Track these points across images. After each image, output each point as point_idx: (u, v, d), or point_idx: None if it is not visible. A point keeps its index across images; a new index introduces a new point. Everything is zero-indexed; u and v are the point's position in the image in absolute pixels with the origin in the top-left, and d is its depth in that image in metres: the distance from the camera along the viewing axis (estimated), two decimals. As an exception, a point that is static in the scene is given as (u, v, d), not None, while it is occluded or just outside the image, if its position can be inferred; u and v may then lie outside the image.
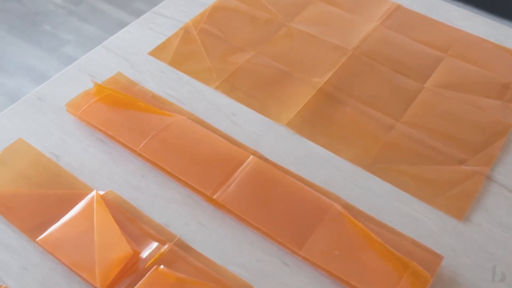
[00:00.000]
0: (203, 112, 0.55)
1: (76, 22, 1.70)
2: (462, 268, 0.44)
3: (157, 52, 0.60)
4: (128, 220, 0.45)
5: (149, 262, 0.43)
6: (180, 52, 0.60)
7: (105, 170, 0.50)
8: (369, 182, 0.50)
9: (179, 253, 0.44)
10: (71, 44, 1.63)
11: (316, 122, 0.54)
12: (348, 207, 0.47)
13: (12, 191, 0.47)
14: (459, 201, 0.48)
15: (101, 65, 0.59)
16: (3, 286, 0.42)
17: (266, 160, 0.50)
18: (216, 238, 0.45)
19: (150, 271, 0.42)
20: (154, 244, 0.44)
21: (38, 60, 1.58)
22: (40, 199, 0.47)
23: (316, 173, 0.50)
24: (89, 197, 0.46)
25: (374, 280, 0.42)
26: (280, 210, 0.46)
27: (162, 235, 0.45)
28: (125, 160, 0.50)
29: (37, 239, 0.44)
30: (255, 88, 0.57)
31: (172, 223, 0.46)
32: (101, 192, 0.47)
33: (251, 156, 0.50)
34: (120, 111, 0.53)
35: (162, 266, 0.42)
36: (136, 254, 0.43)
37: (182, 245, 0.45)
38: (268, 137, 0.53)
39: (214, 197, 0.47)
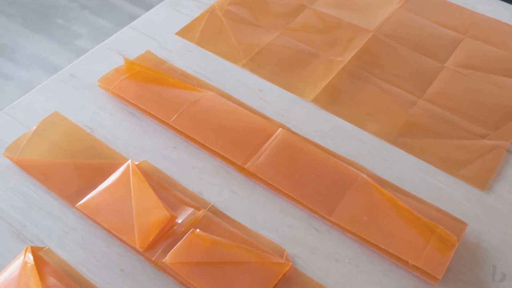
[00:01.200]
0: (230, 89, 0.56)
1: (89, 16, 1.72)
2: (486, 235, 0.46)
3: (184, 32, 0.62)
4: (163, 188, 0.47)
5: (185, 226, 0.44)
6: (206, 33, 0.62)
7: (138, 142, 0.51)
8: (394, 155, 0.51)
9: (213, 219, 0.46)
10: (84, 37, 1.65)
11: (341, 98, 0.56)
12: (374, 177, 0.49)
13: (50, 160, 0.49)
14: (482, 173, 0.50)
15: (130, 44, 0.61)
16: (46, 248, 0.43)
17: (293, 133, 0.52)
18: (247, 205, 0.47)
19: (186, 234, 0.43)
20: (189, 210, 0.46)
21: (51, 52, 1.60)
22: (77, 168, 0.48)
23: (342, 146, 0.52)
24: (124, 166, 0.48)
25: (402, 243, 0.44)
26: (310, 178, 0.48)
27: (196, 202, 0.46)
28: (157, 133, 0.52)
29: (76, 205, 0.46)
30: (280, 67, 0.59)
31: (205, 191, 0.48)
32: (136, 162, 0.48)
33: (280, 129, 0.51)
34: (151, 86, 0.55)
35: (198, 230, 0.44)
36: (173, 218, 0.44)
37: (215, 212, 0.46)
38: (294, 112, 0.54)
39: (245, 166, 0.48)
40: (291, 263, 0.43)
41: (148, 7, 1.76)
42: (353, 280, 0.43)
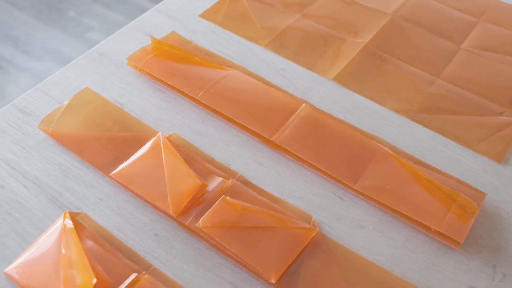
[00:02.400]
0: (254, 68, 0.58)
1: (100, 9, 1.74)
2: (504, 204, 0.48)
3: (208, 15, 0.64)
4: (193, 159, 0.49)
5: (215, 194, 0.46)
6: (229, 15, 0.64)
7: (167, 117, 0.53)
8: (413, 130, 0.53)
9: (242, 187, 0.47)
10: (96, 30, 1.67)
11: (361, 77, 0.58)
12: (395, 149, 0.51)
13: (83, 133, 0.51)
14: (499, 146, 0.52)
15: (156, 25, 0.63)
16: (82, 213, 0.45)
17: (316, 108, 0.54)
18: (274, 175, 0.49)
19: (218, 201, 0.45)
20: (219, 179, 0.48)
21: (64, 45, 1.62)
22: (109, 140, 0.50)
23: (363, 121, 0.54)
24: (155, 138, 0.50)
25: (424, 210, 0.46)
26: (333, 150, 0.50)
27: (224, 172, 0.48)
28: (185, 108, 0.54)
29: (111, 174, 0.48)
30: (301, 47, 0.61)
31: (232, 162, 0.50)
32: (165, 135, 0.50)
33: (303, 104, 0.53)
34: (178, 64, 0.56)
35: (227, 197, 0.45)
36: (204, 186, 0.46)
37: (243, 181, 0.48)
38: (317, 90, 0.56)
39: (272, 138, 0.50)
40: (318, 229, 0.45)
41: (158, 0, 1.78)
42: (378, 245, 0.44)
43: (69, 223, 0.43)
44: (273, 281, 0.41)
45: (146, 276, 0.42)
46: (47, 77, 0.55)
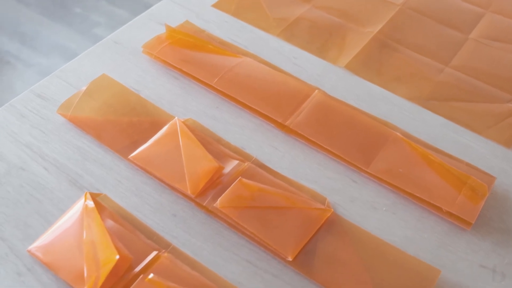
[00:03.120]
0: (266, 56, 0.59)
1: (106, 5, 1.75)
2: (514, 187, 0.49)
3: (220, 5, 0.65)
4: (208, 143, 0.50)
5: (232, 176, 0.47)
6: (241, 5, 0.65)
7: (182, 102, 0.54)
8: (423, 116, 0.54)
9: (257, 170, 0.49)
10: (102, 26, 1.68)
11: (372, 65, 0.59)
12: (406, 135, 0.52)
13: (101, 118, 0.52)
14: (507, 132, 0.53)
15: (169, 15, 0.64)
16: (102, 194, 0.47)
17: (329, 95, 0.55)
18: (288, 159, 0.50)
19: (234, 182, 0.46)
20: (235, 162, 0.49)
21: (70, 40, 1.63)
22: (127, 125, 0.51)
23: (375, 108, 0.55)
24: (171, 122, 0.51)
25: (436, 192, 0.47)
26: (346, 135, 0.51)
27: (240, 156, 0.49)
28: (200, 94, 0.55)
29: (129, 156, 0.49)
30: (312, 36, 0.62)
31: (247, 147, 0.51)
32: (181, 119, 0.52)
33: (316, 90, 0.54)
34: (192, 52, 0.58)
35: (244, 179, 0.47)
36: (220, 168, 0.47)
37: (258, 164, 0.49)
38: (328, 77, 0.57)
39: (286, 123, 0.51)
40: (332, 210, 0.46)
41: (164, -3, 1.79)
42: (391, 226, 0.46)
43: (90, 203, 0.44)
44: (290, 258, 0.42)
45: (166, 254, 0.43)
46: (53, 72, 0.56)
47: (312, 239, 0.44)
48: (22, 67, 1.55)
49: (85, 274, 0.40)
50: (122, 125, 0.51)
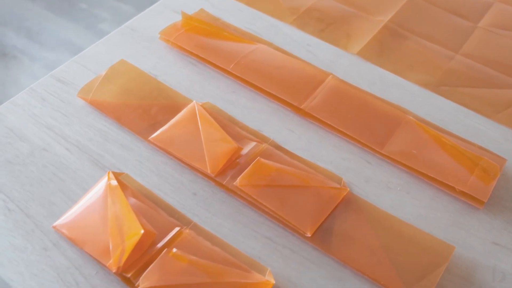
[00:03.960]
0: (280, 43, 0.61)
1: (111, 1, 1.76)
2: (524, 169, 0.50)
3: (234, -7, 0.66)
4: (226, 125, 0.51)
5: (250, 157, 0.49)
6: (254, -6, 0.66)
7: (199, 87, 0.56)
8: (435, 101, 0.56)
9: (275, 151, 0.50)
10: (107, 21, 1.69)
11: (383, 52, 0.60)
12: (418, 119, 0.53)
13: (120, 101, 0.53)
14: (518, 116, 0.54)
15: (184, 4, 0.65)
16: (124, 173, 0.48)
17: (342, 80, 0.56)
18: (304, 141, 0.51)
19: (253, 162, 0.47)
20: (252, 144, 0.50)
21: (76, 35, 1.64)
22: (146, 108, 0.53)
23: (387, 93, 0.56)
24: (190, 105, 0.52)
25: (449, 173, 0.48)
26: (361, 118, 0.52)
27: (257, 138, 0.51)
28: (216, 80, 0.56)
29: (149, 138, 0.50)
30: (325, 24, 0.63)
31: (264, 129, 0.52)
32: (199, 103, 0.53)
33: (330, 75, 0.56)
34: (208, 39, 0.59)
35: (262, 159, 0.48)
36: (239, 149, 0.49)
37: (275, 146, 0.50)
38: (341, 64, 0.59)
39: (301, 107, 0.53)
40: (348, 189, 0.47)
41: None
42: (405, 205, 0.47)
43: (113, 181, 0.46)
44: (308, 234, 0.44)
45: (187, 230, 0.44)
46: (60, 66, 0.57)
47: (329, 217, 0.45)
48: (28, 61, 1.56)
49: (111, 248, 0.41)
50: (141, 108, 0.52)
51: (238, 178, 0.46)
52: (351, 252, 0.43)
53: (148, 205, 0.45)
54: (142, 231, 0.41)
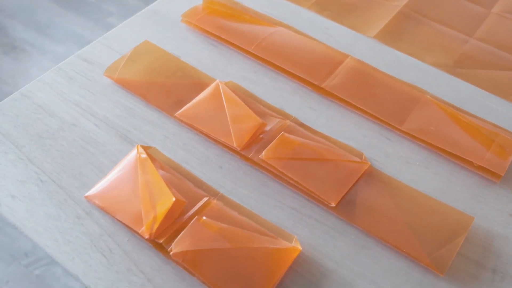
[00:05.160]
0: (299, 26, 0.62)
1: (119, -5, 1.78)
2: (539, 146, 0.52)
3: (252, -21, 0.68)
4: (249, 102, 0.53)
5: (274, 132, 0.50)
6: (272, -21, 0.68)
7: (221, 67, 0.57)
8: (451, 82, 0.57)
9: (297, 127, 0.51)
10: (115, 15, 1.70)
11: (400, 36, 0.62)
12: (436, 98, 0.55)
13: (146, 80, 0.55)
14: (532, 97, 0.56)
15: (204, -12, 0.66)
16: (152, 147, 0.49)
17: (361, 61, 0.58)
18: (325, 119, 0.53)
19: (277, 137, 0.49)
20: (276, 120, 0.51)
21: (84, 29, 1.66)
22: (170, 86, 0.54)
23: (405, 74, 0.58)
24: (213, 84, 0.54)
25: (467, 148, 0.49)
26: (380, 97, 0.53)
27: (280, 115, 0.52)
28: (238, 60, 0.58)
29: (175, 114, 0.52)
30: (342, 9, 0.65)
31: (286, 107, 0.54)
32: (223, 82, 0.54)
33: (349, 57, 0.57)
34: (229, 21, 0.60)
35: (286, 133, 0.49)
36: (263, 124, 0.50)
37: (298, 123, 0.52)
38: (359, 46, 0.60)
39: (322, 86, 0.54)
40: (369, 163, 0.49)
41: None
42: (425, 179, 0.48)
43: (143, 154, 0.47)
44: (333, 204, 0.45)
45: (215, 201, 0.45)
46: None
47: (351, 189, 0.47)
48: (37, 54, 1.57)
49: (143, 216, 0.43)
50: (166, 87, 0.54)
51: (263, 152, 0.47)
52: (373, 222, 0.44)
53: (176, 177, 0.47)
54: (174, 199, 0.42)
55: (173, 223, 0.43)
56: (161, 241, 0.42)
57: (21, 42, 1.60)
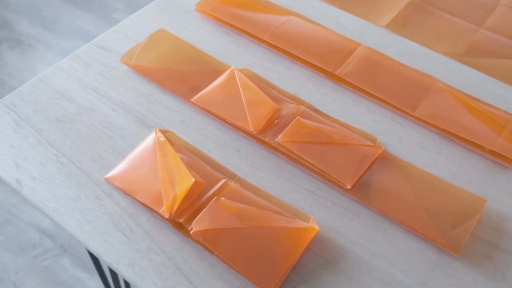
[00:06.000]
0: (310, 16, 0.63)
1: (124, -9, 1.78)
2: (549, 132, 0.52)
3: (264, -30, 0.69)
4: (264, 89, 0.54)
5: (289, 117, 0.51)
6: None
7: (235, 55, 0.58)
8: (461, 70, 0.58)
9: (311, 113, 0.52)
10: (120, 11, 1.71)
11: (410, 25, 0.63)
12: (447, 85, 0.55)
13: (162, 67, 0.55)
14: (541, 85, 0.57)
15: (216, -22, 0.67)
16: (170, 131, 0.50)
17: (373, 49, 0.58)
18: (338, 105, 0.54)
19: (293, 121, 0.50)
20: (290, 105, 0.52)
21: (90, 24, 1.66)
22: (186, 73, 0.55)
23: (416, 63, 0.58)
24: (228, 71, 0.55)
25: (479, 133, 0.50)
26: (393, 84, 0.54)
27: (294, 101, 0.53)
28: (251, 48, 0.59)
29: (192, 99, 0.52)
30: (353, 0, 0.66)
31: (299, 94, 0.54)
32: (237, 69, 0.55)
33: (362, 45, 0.58)
34: (242, 10, 0.61)
35: (301, 118, 0.50)
36: (279, 109, 0.51)
37: (312, 108, 0.53)
38: (370, 35, 0.61)
39: (336, 72, 0.55)
40: (383, 147, 0.49)
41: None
42: (437, 163, 0.49)
43: (161, 137, 0.48)
44: (348, 186, 0.46)
45: (233, 183, 0.46)
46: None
47: (366, 172, 0.48)
48: (44, 49, 1.58)
49: (163, 196, 0.44)
50: (181, 73, 0.55)
51: (279, 135, 0.48)
52: (388, 204, 0.45)
53: (194, 160, 0.48)
54: (193, 180, 0.43)
55: (192, 203, 0.44)
56: (181, 220, 0.43)
57: (27, 37, 1.61)
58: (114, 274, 0.76)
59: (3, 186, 1.22)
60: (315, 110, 0.52)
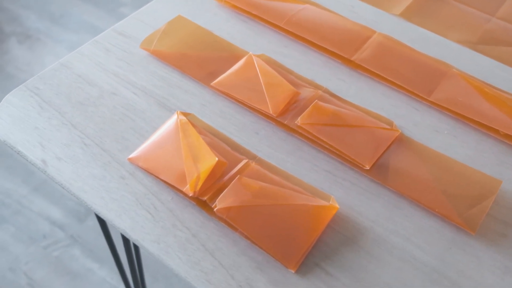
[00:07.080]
0: (325, 4, 0.64)
1: (131, -14, 1.79)
2: (562, 117, 0.53)
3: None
4: (282, 74, 0.55)
5: (308, 100, 0.52)
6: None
7: (253, 42, 0.59)
8: (474, 57, 0.59)
9: (329, 97, 0.53)
10: (128, 5, 1.72)
11: (424, 14, 0.64)
12: (461, 72, 0.56)
13: (181, 52, 0.57)
14: (553, 71, 0.58)
15: (232, -32, 0.68)
16: (191, 114, 0.51)
17: (388, 36, 0.59)
18: (354, 90, 0.55)
19: (311, 105, 0.51)
20: (308, 90, 0.53)
21: (98, 19, 1.67)
22: (205, 58, 0.56)
23: (429, 50, 0.59)
24: (247, 56, 0.56)
25: (494, 118, 0.51)
26: (408, 69, 0.55)
27: (311, 86, 0.54)
28: (268, 35, 0.60)
29: (211, 83, 0.54)
30: (367, -12, 0.66)
31: (316, 79, 0.55)
32: (255, 54, 0.56)
33: (377, 32, 0.59)
34: (259, -2, 0.62)
35: (319, 102, 0.51)
36: (297, 93, 0.52)
37: (329, 93, 0.54)
38: (384, 23, 0.62)
39: (352, 58, 0.56)
40: (400, 131, 0.50)
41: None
42: (453, 146, 0.50)
43: (183, 118, 0.49)
44: (367, 167, 0.47)
45: (254, 163, 0.47)
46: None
47: (384, 154, 0.49)
48: (52, 43, 1.59)
49: (186, 175, 0.45)
50: (200, 59, 0.56)
51: (298, 118, 0.49)
52: (406, 184, 0.46)
53: (215, 141, 0.49)
54: (216, 159, 0.44)
55: (215, 182, 0.45)
56: (205, 198, 0.44)
57: (35, 31, 1.62)
58: (131, 264, 0.77)
59: (12, 177, 1.24)
60: (332, 95, 0.53)
